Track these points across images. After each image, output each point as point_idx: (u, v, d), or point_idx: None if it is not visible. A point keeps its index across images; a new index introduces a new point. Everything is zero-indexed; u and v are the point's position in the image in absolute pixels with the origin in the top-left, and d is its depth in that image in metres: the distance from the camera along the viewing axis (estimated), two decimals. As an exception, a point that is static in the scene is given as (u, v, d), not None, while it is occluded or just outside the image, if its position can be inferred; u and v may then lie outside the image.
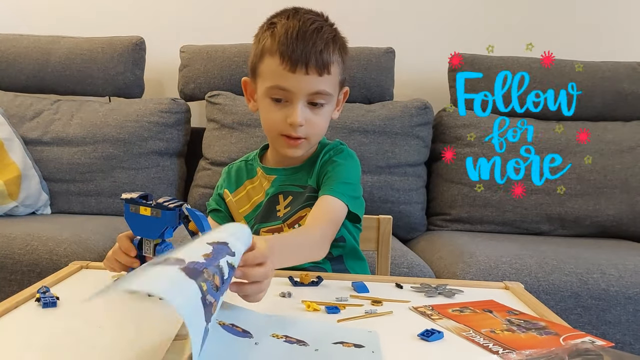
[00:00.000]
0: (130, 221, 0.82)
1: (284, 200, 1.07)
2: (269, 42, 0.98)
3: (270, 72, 0.98)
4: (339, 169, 1.04)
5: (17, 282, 1.54)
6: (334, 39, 1.00)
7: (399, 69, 2.21)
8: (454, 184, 2.04)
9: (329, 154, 1.07)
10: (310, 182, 1.06)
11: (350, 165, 1.06)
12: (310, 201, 1.04)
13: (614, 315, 1.48)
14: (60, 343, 0.64)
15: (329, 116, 1.04)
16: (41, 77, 2.20)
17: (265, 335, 0.63)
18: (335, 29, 1.03)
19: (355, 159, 1.09)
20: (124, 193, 0.82)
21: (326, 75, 0.98)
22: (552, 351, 0.61)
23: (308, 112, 0.99)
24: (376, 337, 0.66)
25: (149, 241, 0.82)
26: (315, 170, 1.06)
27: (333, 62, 0.99)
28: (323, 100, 1.00)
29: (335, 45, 0.99)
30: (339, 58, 1.01)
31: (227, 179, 1.15)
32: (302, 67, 0.95)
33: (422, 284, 0.92)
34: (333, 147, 1.09)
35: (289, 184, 1.08)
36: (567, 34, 2.33)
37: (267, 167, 1.10)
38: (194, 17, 2.40)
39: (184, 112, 2.15)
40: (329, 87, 0.99)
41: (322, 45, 0.96)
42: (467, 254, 1.60)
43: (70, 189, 2.04)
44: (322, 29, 0.98)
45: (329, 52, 0.97)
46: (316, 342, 0.62)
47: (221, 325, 0.63)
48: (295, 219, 1.05)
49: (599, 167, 2.01)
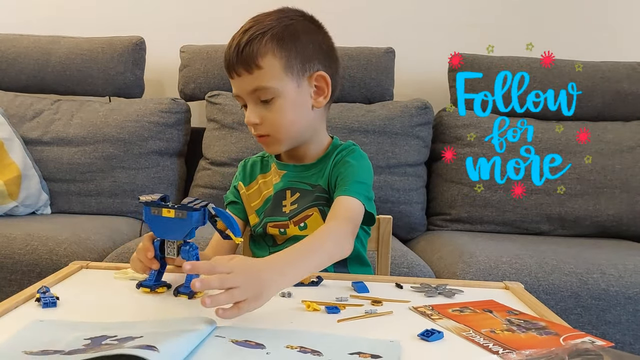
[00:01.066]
0: (151, 224, 0.82)
1: (291, 196, 1.07)
2: None
3: None
4: (352, 169, 1.02)
5: (17, 282, 1.54)
6: (264, 32, 0.96)
7: (399, 69, 2.21)
8: (454, 184, 2.04)
9: (341, 154, 1.06)
10: (321, 182, 1.06)
11: (363, 165, 1.05)
12: (318, 201, 1.05)
13: (614, 315, 1.48)
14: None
15: (290, 109, 0.99)
16: (41, 77, 2.20)
17: (279, 346, 0.63)
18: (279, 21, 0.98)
19: (367, 161, 1.08)
20: (141, 196, 0.83)
21: (256, 70, 0.96)
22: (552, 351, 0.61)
23: (261, 109, 0.99)
24: (398, 348, 0.64)
25: (172, 242, 0.82)
26: (327, 170, 1.06)
27: (262, 54, 0.95)
28: (269, 95, 0.97)
29: (264, 36, 0.96)
30: (272, 46, 0.96)
31: (242, 172, 1.15)
32: (232, 71, 0.98)
33: (422, 284, 0.92)
34: (345, 147, 1.08)
35: (298, 181, 1.08)
36: (567, 34, 2.33)
37: (280, 163, 1.11)
38: (194, 17, 2.40)
39: (184, 112, 2.15)
40: (266, 81, 0.97)
41: (244, 43, 0.96)
42: (467, 254, 1.60)
43: (70, 189, 2.04)
44: (251, 28, 0.97)
45: (251, 47, 0.95)
46: (331, 353, 0.61)
47: (234, 342, 0.63)
48: (302, 217, 1.05)
49: (599, 167, 2.01)
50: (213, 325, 0.67)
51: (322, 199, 1.05)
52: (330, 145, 1.10)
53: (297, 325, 0.71)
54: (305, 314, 0.77)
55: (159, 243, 0.83)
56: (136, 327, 0.67)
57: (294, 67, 0.98)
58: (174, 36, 2.34)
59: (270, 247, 1.09)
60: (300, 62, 0.99)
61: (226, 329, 0.68)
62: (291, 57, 0.97)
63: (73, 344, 0.60)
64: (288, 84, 0.98)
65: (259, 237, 1.10)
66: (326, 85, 1.03)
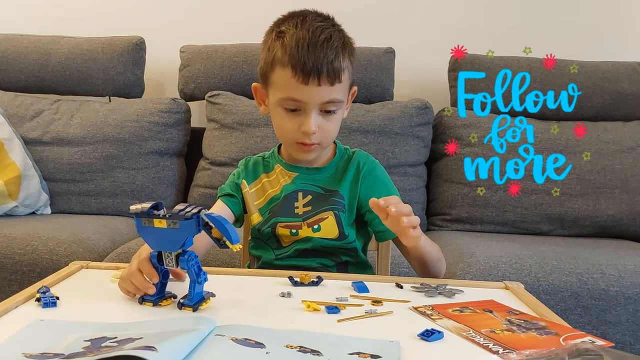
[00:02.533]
0: (145, 236, 0.77)
1: (303, 198, 1.08)
2: (279, 52, 0.99)
3: (283, 83, 0.99)
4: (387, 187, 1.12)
5: (17, 282, 1.54)
6: (343, 45, 1.01)
7: (399, 69, 2.21)
8: (454, 184, 2.04)
9: (364, 170, 1.10)
10: (340, 189, 1.09)
11: (387, 176, 1.14)
12: (334, 205, 1.07)
13: (614, 315, 1.48)
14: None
15: (340, 120, 1.07)
16: (41, 77, 2.20)
17: (279, 346, 0.63)
18: (343, 33, 1.04)
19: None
20: (131, 206, 0.76)
21: (337, 84, 0.99)
22: (552, 351, 0.61)
23: (320, 119, 1.01)
24: (396, 348, 0.64)
25: (169, 254, 0.77)
26: (347, 179, 1.09)
27: (344, 69, 1.00)
28: (335, 107, 1.02)
29: (344, 52, 1.00)
30: (349, 64, 1.02)
31: (245, 170, 1.16)
32: (315, 79, 0.96)
33: (422, 284, 0.92)
34: (364, 160, 1.12)
35: (310, 183, 1.10)
36: (567, 34, 2.33)
37: (289, 164, 1.12)
38: (194, 17, 2.40)
39: (184, 112, 2.15)
40: (340, 95, 1.01)
41: (332, 55, 0.97)
42: (467, 254, 1.60)
43: (70, 189, 2.04)
44: (331, 38, 0.99)
45: (339, 61, 0.98)
46: (331, 353, 0.61)
47: (234, 340, 0.63)
48: (316, 220, 1.06)
49: (598, 167, 2.00)
50: (213, 325, 0.67)
51: (340, 204, 1.07)
52: (336, 149, 1.14)
53: (297, 325, 0.71)
54: (305, 314, 0.77)
55: (156, 255, 0.79)
56: (136, 327, 0.67)
57: (352, 83, 1.06)
58: (174, 36, 2.34)
59: (275, 250, 1.09)
60: (354, 80, 1.07)
61: (226, 328, 0.68)
62: (353, 73, 1.05)
63: (73, 347, 0.60)
64: (346, 98, 1.05)
65: (263, 238, 1.10)
66: (351, 99, 1.10)
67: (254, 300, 0.83)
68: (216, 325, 0.68)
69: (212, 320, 0.69)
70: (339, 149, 1.14)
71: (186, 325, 0.66)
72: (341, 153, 1.13)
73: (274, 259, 1.09)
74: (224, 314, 0.75)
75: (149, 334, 0.63)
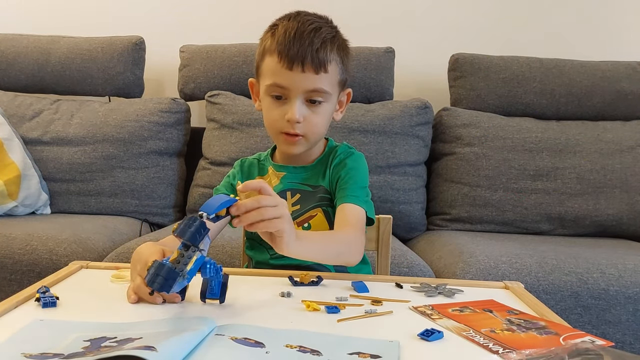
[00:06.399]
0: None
1: (292, 197, 1.09)
2: (269, 42, 1.01)
3: (270, 70, 1.01)
4: (353, 172, 1.07)
5: (17, 282, 1.54)
6: (332, 38, 1.02)
7: (399, 69, 2.21)
8: (454, 183, 2.04)
9: (339, 157, 1.10)
10: (323, 184, 1.09)
11: (362, 167, 1.10)
12: (322, 202, 1.07)
13: (614, 315, 1.48)
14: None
15: (329, 115, 1.06)
16: (41, 77, 2.20)
17: (279, 345, 0.63)
18: (336, 30, 1.05)
19: (364, 161, 1.12)
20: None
21: (323, 73, 0.99)
22: (552, 351, 0.61)
23: (306, 109, 1.01)
24: (396, 348, 0.64)
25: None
26: (328, 172, 1.09)
27: (330, 60, 1.00)
28: (321, 98, 1.02)
29: (333, 44, 1.01)
30: (337, 57, 1.02)
31: (240, 171, 1.16)
32: (299, 65, 0.97)
33: (422, 283, 0.92)
34: (343, 150, 1.11)
35: (298, 182, 1.10)
36: (567, 34, 2.33)
37: (278, 164, 1.13)
38: (194, 17, 2.40)
39: (184, 112, 2.15)
40: (326, 85, 1.01)
41: (318, 44, 0.98)
42: (467, 253, 1.60)
43: (70, 188, 2.04)
44: (320, 29, 1.00)
45: (325, 51, 0.99)
46: (331, 352, 0.61)
47: (234, 340, 0.63)
48: (306, 218, 1.07)
49: (598, 167, 2.00)
50: (213, 325, 0.67)
51: (325, 199, 1.08)
52: (327, 146, 1.14)
53: (297, 325, 0.71)
54: (305, 314, 0.77)
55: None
56: (136, 327, 0.67)
57: (342, 80, 1.06)
58: (174, 36, 2.34)
59: (269, 250, 1.09)
60: (345, 78, 1.07)
61: (226, 327, 0.68)
62: (346, 70, 1.06)
63: (72, 347, 0.60)
64: (335, 93, 1.05)
65: (257, 239, 1.10)
66: (346, 102, 1.11)
67: (253, 300, 0.83)
68: (216, 325, 0.68)
69: (212, 320, 0.69)
70: (329, 145, 1.14)
71: (186, 325, 0.66)
72: (330, 149, 1.13)
73: (269, 258, 1.09)
74: (224, 314, 0.75)
75: (149, 334, 0.63)
